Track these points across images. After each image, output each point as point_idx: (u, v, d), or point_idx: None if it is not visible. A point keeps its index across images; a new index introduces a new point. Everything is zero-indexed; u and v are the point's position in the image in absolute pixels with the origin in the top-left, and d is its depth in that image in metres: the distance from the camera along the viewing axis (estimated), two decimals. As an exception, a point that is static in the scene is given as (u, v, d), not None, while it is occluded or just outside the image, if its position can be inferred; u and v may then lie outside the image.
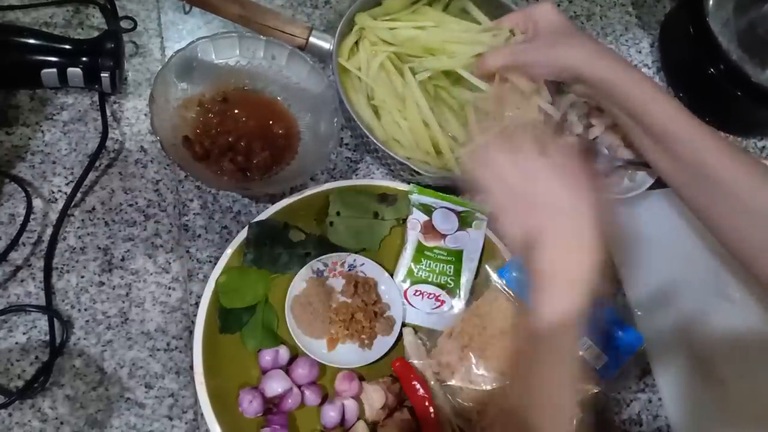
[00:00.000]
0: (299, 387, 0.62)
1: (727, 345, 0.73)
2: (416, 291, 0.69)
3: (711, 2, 0.83)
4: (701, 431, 0.71)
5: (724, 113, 0.90)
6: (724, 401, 0.71)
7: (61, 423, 0.60)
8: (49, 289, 0.64)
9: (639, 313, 0.74)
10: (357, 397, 0.64)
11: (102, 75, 0.69)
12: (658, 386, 0.72)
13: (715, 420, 0.71)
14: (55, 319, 0.62)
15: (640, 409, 0.71)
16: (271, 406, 0.62)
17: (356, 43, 0.76)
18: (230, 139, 0.71)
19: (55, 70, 0.68)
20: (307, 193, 0.70)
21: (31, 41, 0.68)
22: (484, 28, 0.74)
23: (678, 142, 0.64)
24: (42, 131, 0.71)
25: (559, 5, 0.95)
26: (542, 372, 0.51)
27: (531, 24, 0.70)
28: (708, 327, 0.74)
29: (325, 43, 0.74)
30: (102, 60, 0.69)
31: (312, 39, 0.74)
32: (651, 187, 0.77)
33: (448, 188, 0.74)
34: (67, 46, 0.69)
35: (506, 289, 0.69)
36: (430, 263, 0.70)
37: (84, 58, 0.69)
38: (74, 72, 0.69)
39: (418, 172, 0.70)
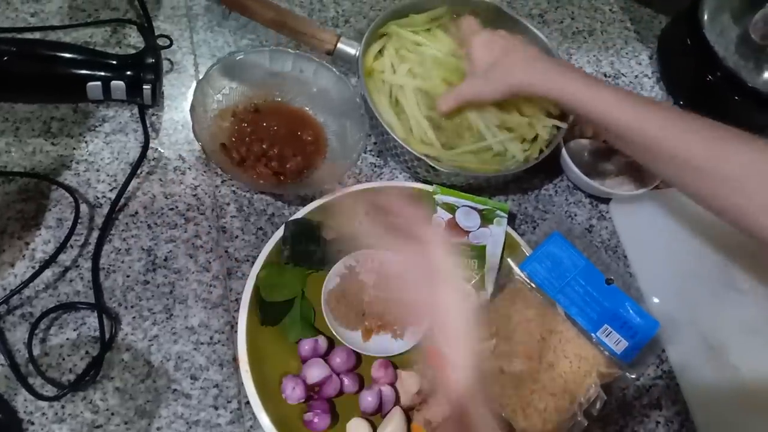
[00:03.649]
0: (338, 375, 0.65)
1: (738, 333, 0.76)
2: (443, 285, 0.73)
3: (706, 15, 0.89)
4: (719, 416, 0.73)
5: (724, 118, 0.94)
6: (740, 386, 0.74)
7: (112, 414, 0.63)
8: (97, 287, 0.67)
9: (656, 300, 0.78)
10: (392, 384, 0.67)
11: (144, 87, 0.73)
12: (675, 373, 0.75)
13: (731, 404, 0.74)
14: (104, 315, 0.65)
15: (659, 395, 0.74)
16: (312, 393, 0.64)
17: (380, 51, 0.81)
18: (264, 146, 0.75)
19: (99, 83, 0.72)
20: (338, 194, 0.74)
21: (78, 57, 0.73)
22: None
23: (627, 129, 0.67)
24: (85, 142, 0.75)
25: (562, 22, 1.01)
26: None
27: (468, 57, 0.75)
28: (719, 316, 0.77)
29: (351, 49, 0.79)
30: (144, 74, 0.73)
31: (340, 45, 0.79)
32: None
33: (471, 188, 0.78)
34: (112, 61, 0.73)
35: (528, 281, 0.73)
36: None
37: (127, 72, 0.73)
38: (117, 85, 0.73)
39: (434, 168, 0.74)
